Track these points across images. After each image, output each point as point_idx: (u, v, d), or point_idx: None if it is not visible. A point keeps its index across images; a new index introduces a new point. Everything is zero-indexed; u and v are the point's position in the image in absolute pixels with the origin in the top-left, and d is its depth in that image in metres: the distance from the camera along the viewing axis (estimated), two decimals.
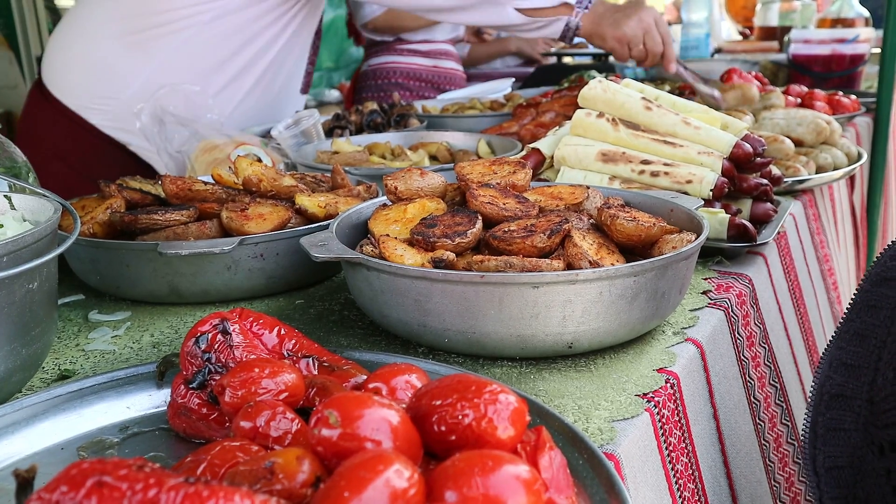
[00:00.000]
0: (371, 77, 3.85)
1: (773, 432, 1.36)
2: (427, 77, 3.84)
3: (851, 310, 0.96)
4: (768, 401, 1.36)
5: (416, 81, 3.82)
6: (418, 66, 3.83)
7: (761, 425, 1.31)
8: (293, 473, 0.57)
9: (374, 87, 3.82)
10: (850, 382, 0.89)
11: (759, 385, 1.32)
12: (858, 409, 0.87)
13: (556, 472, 0.62)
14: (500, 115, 2.50)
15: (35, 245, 0.88)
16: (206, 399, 0.80)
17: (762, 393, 1.33)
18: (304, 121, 2.13)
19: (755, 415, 1.29)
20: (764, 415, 1.33)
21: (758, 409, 1.31)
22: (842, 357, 0.92)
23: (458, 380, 0.63)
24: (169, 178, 1.32)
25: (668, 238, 1.07)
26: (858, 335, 0.93)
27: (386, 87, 3.78)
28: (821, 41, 3.40)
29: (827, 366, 0.94)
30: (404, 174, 1.22)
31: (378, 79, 3.82)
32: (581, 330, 0.96)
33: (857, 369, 0.90)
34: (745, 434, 1.23)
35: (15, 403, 0.83)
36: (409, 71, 3.81)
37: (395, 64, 3.81)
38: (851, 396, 0.88)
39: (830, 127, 2.03)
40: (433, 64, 3.85)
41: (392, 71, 3.81)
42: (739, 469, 1.19)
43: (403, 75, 3.81)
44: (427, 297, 0.96)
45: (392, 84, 3.79)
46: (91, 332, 1.16)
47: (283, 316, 1.20)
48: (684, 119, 1.48)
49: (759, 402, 1.32)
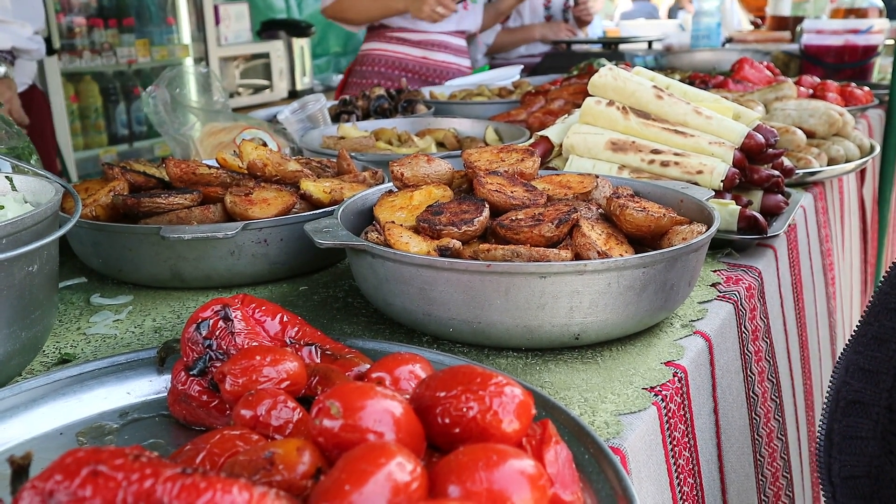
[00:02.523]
0: (359, 62, 3.71)
1: (767, 427, 1.35)
2: (413, 68, 3.62)
3: (869, 313, 0.93)
4: (765, 396, 1.34)
5: (399, 71, 3.61)
6: (404, 56, 3.62)
7: (756, 420, 1.30)
8: (293, 464, 0.56)
9: (359, 74, 3.66)
10: (868, 388, 0.87)
11: (758, 380, 1.31)
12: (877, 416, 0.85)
13: (562, 467, 0.60)
14: (509, 103, 2.48)
15: (35, 227, 0.87)
16: (207, 386, 0.79)
17: (760, 388, 1.32)
18: (311, 105, 2.11)
19: (752, 410, 1.28)
20: (760, 410, 1.31)
21: (755, 404, 1.29)
22: (859, 362, 0.90)
23: (463, 371, 0.61)
24: (173, 161, 1.31)
25: (678, 229, 1.05)
26: (877, 339, 0.90)
27: (368, 75, 3.62)
28: (833, 32, 3.36)
29: (843, 370, 0.91)
30: (411, 160, 1.20)
31: (364, 65, 3.67)
32: (588, 321, 0.95)
33: (875, 375, 0.87)
34: (739, 428, 1.22)
35: (14, 387, 0.82)
36: (394, 60, 3.62)
37: (381, 52, 3.63)
38: (869, 403, 0.86)
39: (843, 118, 2.00)
40: (422, 55, 3.62)
41: (377, 58, 3.63)
42: (731, 463, 1.17)
43: (387, 64, 3.62)
44: (432, 286, 0.95)
45: (374, 72, 3.62)
46: (92, 315, 1.15)
47: (287, 302, 1.18)
48: (696, 108, 1.45)
49: (758, 397, 1.30)
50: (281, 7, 7.00)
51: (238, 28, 6.19)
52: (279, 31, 6.47)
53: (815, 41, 3.41)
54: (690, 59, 3.75)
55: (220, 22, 5.96)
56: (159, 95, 1.91)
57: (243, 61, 6.28)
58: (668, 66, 3.70)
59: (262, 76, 6.38)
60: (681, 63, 3.71)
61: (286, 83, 6.49)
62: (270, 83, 6.39)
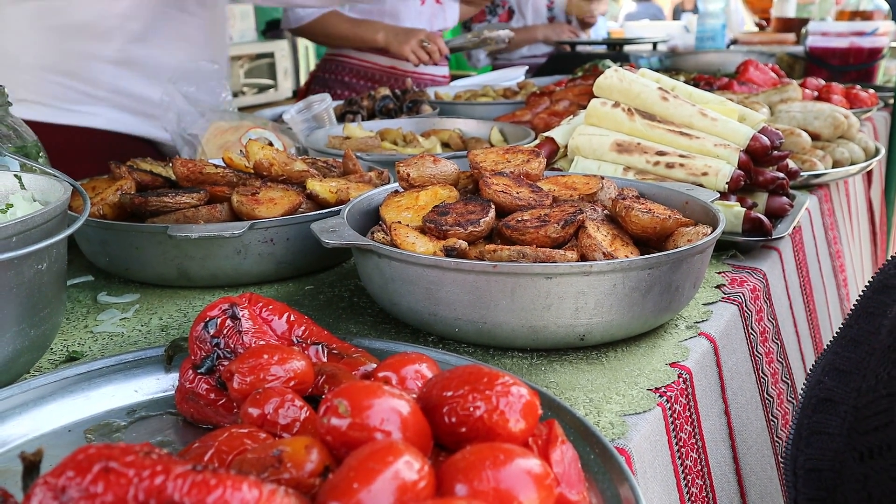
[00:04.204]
0: (323, 68, 3.38)
1: (786, 429, 1.35)
2: (380, 78, 3.28)
3: (851, 316, 0.95)
4: (781, 397, 1.35)
5: (365, 81, 3.29)
6: (371, 65, 3.29)
7: (774, 422, 1.30)
8: (301, 462, 0.57)
9: (321, 81, 3.34)
10: (839, 387, 0.88)
11: (772, 381, 1.31)
12: (844, 414, 0.86)
13: (568, 467, 0.61)
14: (514, 103, 2.48)
15: (45, 226, 0.87)
16: (215, 384, 0.79)
17: (775, 389, 1.32)
18: (316, 105, 2.12)
19: (768, 411, 1.28)
20: (777, 411, 1.31)
21: (770, 405, 1.29)
22: (835, 362, 0.91)
23: (470, 371, 0.62)
24: (180, 160, 1.31)
25: (684, 231, 1.06)
26: (853, 341, 0.91)
27: (332, 84, 3.30)
28: (839, 34, 3.36)
29: (820, 370, 0.93)
30: (417, 161, 1.20)
31: (327, 72, 3.35)
32: (594, 322, 0.95)
33: (847, 375, 0.89)
34: (756, 430, 1.22)
35: (23, 385, 0.82)
36: (359, 69, 3.29)
37: (346, 58, 3.30)
38: (839, 401, 0.87)
39: (848, 121, 2.00)
40: (391, 64, 3.26)
41: (342, 66, 3.32)
42: (749, 466, 1.18)
43: (352, 72, 3.30)
44: (438, 286, 0.95)
45: (337, 81, 3.31)
46: (100, 313, 1.16)
47: (293, 302, 1.19)
48: (701, 110, 1.46)
49: (773, 398, 1.30)
50: None
51: (243, 27, 6.20)
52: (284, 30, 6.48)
53: (821, 43, 3.41)
54: (695, 60, 3.75)
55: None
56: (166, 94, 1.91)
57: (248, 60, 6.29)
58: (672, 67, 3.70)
59: (267, 76, 6.39)
60: (686, 64, 3.71)
61: (290, 82, 6.50)
62: (275, 83, 6.40)
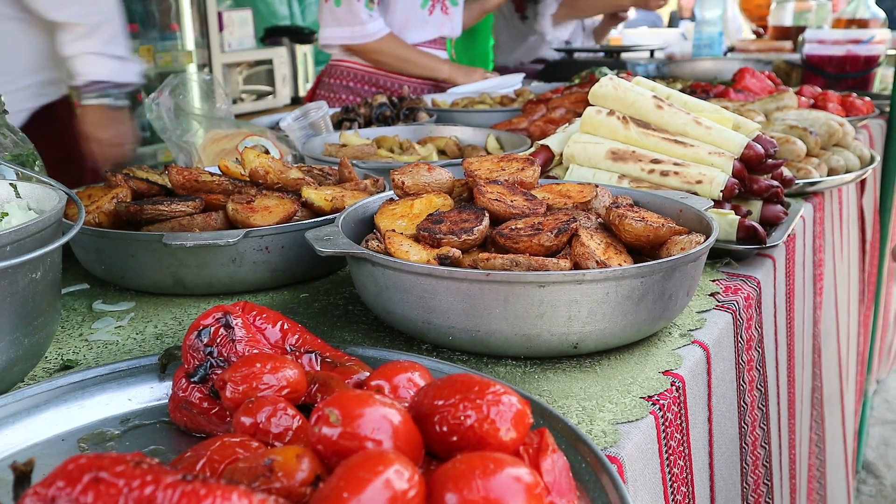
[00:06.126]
0: (328, 73, 3.38)
1: (753, 435, 1.36)
2: (384, 84, 3.28)
3: None
4: (754, 404, 1.35)
5: (369, 87, 3.29)
6: (375, 71, 3.29)
7: (745, 428, 1.30)
8: (292, 472, 0.57)
9: (327, 87, 3.35)
10: None
11: (748, 389, 1.31)
12: None
13: (559, 476, 0.61)
14: (510, 111, 2.49)
15: (39, 234, 0.87)
16: (208, 393, 0.79)
17: (750, 397, 1.32)
18: (313, 112, 2.12)
19: (741, 418, 1.28)
20: (748, 418, 1.32)
21: (745, 412, 1.30)
22: None
23: (461, 379, 0.62)
24: (175, 168, 1.32)
25: (677, 239, 1.06)
26: None
27: (336, 89, 3.31)
28: (835, 42, 3.37)
29: None
30: (411, 169, 1.21)
31: (332, 77, 3.35)
32: (587, 330, 0.95)
33: None
34: (730, 437, 1.23)
35: (17, 393, 0.82)
36: (364, 74, 3.30)
37: (350, 64, 3.30)
38: None
39: (843, 129, 2.00)
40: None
41: (346, 71, 3.31)
42: (720, 472, 1.18)
43: (356, 78, 3.30)
44: (432, 295, 0.96)
45: (342, 87, 3.31)
46: (95, 322, 1.16)
47: (288, 309, 1.19)
48: (696, 118, 1.46)
49: (747, 405, 1.31)
50: (284, 14, 7.03)
51: (241, 34, 6.21)
52: (282, 37, 6.50)
53: (817, 51, 3.42)
54: (692, 68, 3.77)
55: (223, 28, 5.98)
56: (162, 102, 1.92)
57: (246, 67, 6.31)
58: (669, 74, 3.71)
59: (266, 82, 6.40)
60: (683, 72, 3.72)
61: (289, 89, 6.51)
62: (273, 89, 6.41)
